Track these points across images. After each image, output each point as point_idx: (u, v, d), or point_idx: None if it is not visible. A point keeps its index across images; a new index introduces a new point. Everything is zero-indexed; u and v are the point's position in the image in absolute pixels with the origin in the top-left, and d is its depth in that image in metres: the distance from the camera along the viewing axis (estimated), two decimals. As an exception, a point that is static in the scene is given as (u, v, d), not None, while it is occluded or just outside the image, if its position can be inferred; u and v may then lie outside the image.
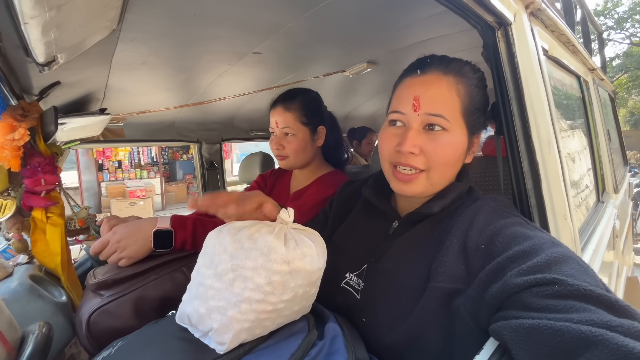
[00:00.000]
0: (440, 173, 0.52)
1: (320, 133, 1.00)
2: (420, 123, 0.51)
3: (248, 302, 0.40)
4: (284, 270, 0.41)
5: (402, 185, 0.53)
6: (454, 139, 0.51)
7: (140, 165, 7.84)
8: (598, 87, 1.38)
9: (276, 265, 0.41)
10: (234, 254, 0.41)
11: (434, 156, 0.51)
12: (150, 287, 0.65)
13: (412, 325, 0.46)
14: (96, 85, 0.98)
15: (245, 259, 0.41)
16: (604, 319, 0.31)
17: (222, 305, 0.40)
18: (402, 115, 0.53)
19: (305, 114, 0.96)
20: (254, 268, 0.40)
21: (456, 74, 0.52)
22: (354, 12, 0.86)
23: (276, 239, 0.42)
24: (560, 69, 0.91)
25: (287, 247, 0.42)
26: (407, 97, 0.52)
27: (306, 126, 0.97)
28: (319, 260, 0.45)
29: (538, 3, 0.60)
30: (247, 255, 0.41)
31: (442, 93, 0.51)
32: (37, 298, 0.65)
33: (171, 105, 1.44)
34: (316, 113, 1.00)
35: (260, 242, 0.42)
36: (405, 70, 0.58)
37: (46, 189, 0.76)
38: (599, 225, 0.95)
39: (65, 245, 0.79)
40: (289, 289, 0.42)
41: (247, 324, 0.40)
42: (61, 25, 0.46)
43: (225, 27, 0.78)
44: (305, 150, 0.97)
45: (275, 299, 0.41)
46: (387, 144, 0.54)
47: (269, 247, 0.41)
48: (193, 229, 0.73)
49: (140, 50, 0.78)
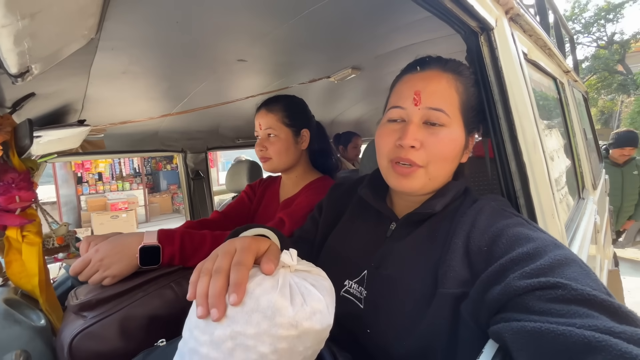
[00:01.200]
0: (439, 168, 0.52)
1: (304, 136, 0.99)
2: (421, 117, 0.52)
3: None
4: (291, 335, 0.35)
5: (401, 179, 0.53)
6: (453, 134, 0.52)
7: (122, 176, 7.62)
8: (573, 88, 1.44)
9: (282, 330, 0.35)
10: (233, 318, 0.35)
11: (434, 150, 0.51)
12: (137, 306, 0.62)
13: (422, 334, 0.45)
14: (74, 96, 0.94)
15: (246, 325, 0.35)
16: (607, 325, 0.31)
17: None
18: (402, 110, 0.53)
19: (287, 115, 0.97)
20: (256, 335, 0.34)
21: (454, 72, 0.54)
22: (338, 19, 0.87)
23: (281, 297, 0.36)
24: (538, 72, 0.95)
25: (294, 305, 0.36)
26: (407, 92, 0.53)
27: (289, 127, 0.97)
28: (329, 314, 0.39)
29: (517, 9, 0.62)
30: (248, 319, 0.35)
31: (442, 88, 0.52)
32: (14, 323, 0.61)
33: (154, 115, 1.40)
34: (299, 116, 1.00)
35: (263, 301, 0.36)
36: (403, 69, 0.58)
37: (21, 206, 0.72)
38: (582, 222, 0.98)
39: (43, 265, 0.75)
40: (296, 353, 0.36)
41: None
42: (35, 34, 0.44)
43: (209, 35, 0.77)
44: (288, 151, 0.96)
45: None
46: (386, 140, 0.54)
47: (274, 308, 0.35)
48: (181, 243, 0.70)
49: (121, 59, 0.76)
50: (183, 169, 1.87)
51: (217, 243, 0.74)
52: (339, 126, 2.58)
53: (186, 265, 0.71)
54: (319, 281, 0.43)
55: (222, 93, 1.33)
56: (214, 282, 0.36)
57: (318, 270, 0.45)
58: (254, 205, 1.11)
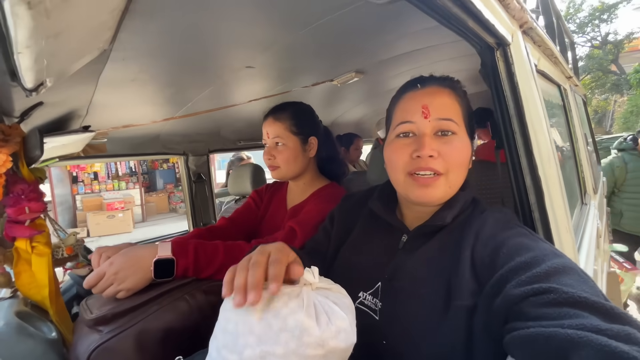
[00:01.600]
0: (457, 174, 0.54)
1: (312, 144, 0.99)
2: (432, 129, 0.54)
3: None
4: (318, 354, 0.36)
5: (423, 190, 0.53)
6: (464, 142, 0.54)
7: (118, 176, 7.55)
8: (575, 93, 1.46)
9: (310, 350, 0.36)
10: (261, 338, 0.36)
11: (450, 158, 0.53)
12: (152, 319, 0.62)
13: (439, 346, 0.46)
14: (80, 103, 0.93)
15: (274, 344, 0.35)
16: (594, 324, 0.31)
17: None
18: (412, 124, 0.55)
19: (295, 123, 0.97)
20: (285, 355, 0.35)
21: (451, 87, 0.57)
22: (348, 29, 0.86)
23: (307, 317, 0.37)
24: (545, 80, 0.95)
25: (320, 325, 0.37)
26: (414, 107, 0.55)
27: (296, 136, 0.97)
28: (352, 333, 0.40)
29: (530, 22, 0.63)
30: (276, 339, 0.36)
31: (447, 100, 0.55)
32: (27, 338, 0.60)
33: (157, 119, 1.39)
34: (307, 124, 1.00)
35: (291, 321, 0.37)
36: (402, 88, 0.60)
37: (31, 218, 0.71)
38: (587, 229, 0.99)
39: (53, 276, 0.74)
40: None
41: None
42: (55, 52, 0.43)
43: (219, 45, 0.77)
44: (297, 160, 0.96)
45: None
46: (401, 154, 0.55)
47: (301, 328, 0.36)
48: (195, 256, 0.70)
49: (131, 68, 0.75)
50: (185, 172, 1.86)
51: (229, 254, 0.74)
52: (339, 127, 2.58)
53: (199, 277, 0.71)
54: (340, 299, 0.43)
55: (225, 97, 1.33)
56: (252, 273, 0.38)
57: (338, 287, 0.46)
58: (261, 212, 1.10)
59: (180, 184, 1.94)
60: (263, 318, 0.37)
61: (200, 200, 1.91)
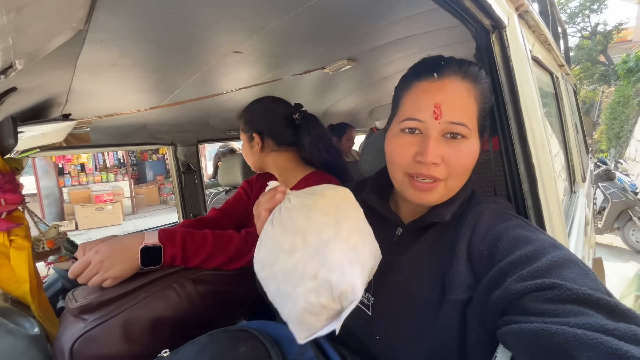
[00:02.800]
0: (458, 180, 0.51)
1: (255, 139, 1.00)
2: (440, 131, 0.49)
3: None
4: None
5: (420, 194, 0.51)
6: (473, 146, 0.50)
7: (106, 167, 7.39)
8: (566, 82, 1.46)
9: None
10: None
11: (455, 165, 0.49)
12: (140, 308, 0.60)
13: (431, 340, 0.45)
14: (58, 90, 0.88)
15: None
16: (601, 323, 0.31)
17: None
18: (420, 123, 0.49)
19: (244, 121, 1.03)
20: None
21: (473, 80, 0.50)
22: (339, 12, 0.83)
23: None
24: (538, 67, 0.94)
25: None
26: (426, 104, 0.49)
27: (244, 132, 1.03)
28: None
29: (527, 5, 0.61)
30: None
31: (463, 100, 0.49)
32: (7, 334, 0.58)
33: (143, 107, 1.34)
34: (250, 120, 1.02)
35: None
36: (416, 72, 0.53)
37: (7, 210, 0.68)
38: (575, 216, 1.00)
39: (34, 270, 0.71)
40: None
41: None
42: (21, 29, 0.40)
43: (203, 27, 0.73)
44: (247, 154, 1.04)
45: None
46: (403, 153, 0.51)
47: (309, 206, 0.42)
48: (182, 243, 0.68)
49: (110, 51, 0.71)
50: (174, 163, 1.82)
51: (218, 243, 0.72)
52: (332, 117, 2.55)
53: (188, 265, 0.70)
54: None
55: (214, 85, 1.29)
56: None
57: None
58: (251, 201, 1.09)
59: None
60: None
61: (190, 192, 1.88)
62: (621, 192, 3.97)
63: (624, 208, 3.92)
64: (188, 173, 1.86)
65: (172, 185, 6.83)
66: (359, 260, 0.40)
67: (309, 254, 0.38)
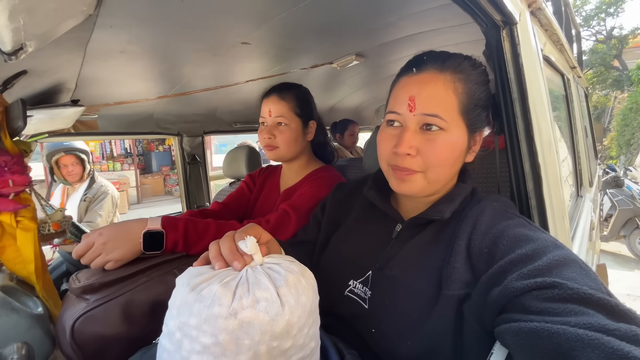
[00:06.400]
0: (438, 173, 0.51)
1: (311, 127, 0.99)
2: (417, 123, 0.51)
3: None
4: (230, 324, 0.34)
5: (400, 182, 0.53)
6: (452, 138, 0.50)
7: (113, 156, 7.47)
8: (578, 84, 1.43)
9: (221, 320, 0.34)
10: (179, 309, 0.36)
11: (430, 157, 0.50)
12: (140, 291, 0.61)
13: (427, 335, 0.45)
14: (67, 75, 0.89)
15: (189, 315, 0.35)
16: (602, 323, 0.31)
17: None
18: (398, 115, 0.52)
19: (299, 105, 0.95)
20: (197, 325, 0.34)
21: (454, 71, 0.50)
22: (348, 6, 0.83)
23: (223, 287, 0.36)
24: (549, 67, 0.93)
25: (235, 295, 0.35)
26: (402, 97, 0.52)
27: (299, 117, 0.95)
28: (280, 305, 0.36)
29: (539, 2, 0.60)
30: (190, 310, 0.35)
31: (438, 92, 0.50)
32: (11, 312, 0.59)
33: (150, 96, 1.35)
34: (308, 107, 0.99)
35: (205, 292, 0.35)
36: (402, 68, 0.56)
37: (15, 191, 0.69)
38: (581, 221, 0.99)
39: (39, 251, 0.73)
40: (244, 347, 0.34)
41: None
42: (32, 10, 0.40)
43: (214, 16, 0.73)
44: (297, 142, 0.95)
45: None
46: (385, 145, 0.54)
47: (214, 297, 0.35)
48: (185, 230, 0.69)
49: (120, 37, 0.72)
50: (179, 153, 1.83)
51: (220, 232, 0.73)
52: (338, 113, 2.54)
53: (189, 252, 0.70)
54: (281, 273, 0.39)
55: (221, 76, 1.29)
56: (222, 244, 0.41)
57: (289, 262, 0.42)
58: (253, 195, 1.09)
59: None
60: (182, 292, 0.37)
61: (195, 183, 1.89)
62: (629, 199, 3.91)
63: (631, 216, 3.86)
64: (193, 164, 1.87)
65: (177, 176, 6.90)
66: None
67: None
